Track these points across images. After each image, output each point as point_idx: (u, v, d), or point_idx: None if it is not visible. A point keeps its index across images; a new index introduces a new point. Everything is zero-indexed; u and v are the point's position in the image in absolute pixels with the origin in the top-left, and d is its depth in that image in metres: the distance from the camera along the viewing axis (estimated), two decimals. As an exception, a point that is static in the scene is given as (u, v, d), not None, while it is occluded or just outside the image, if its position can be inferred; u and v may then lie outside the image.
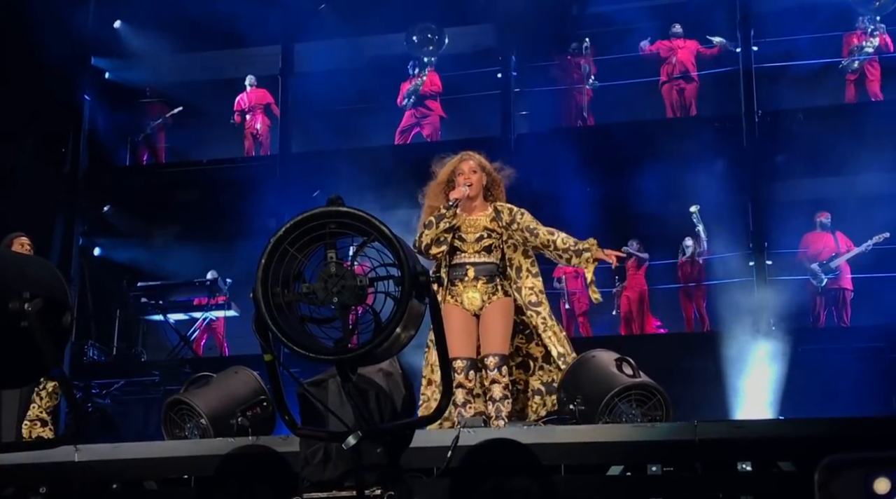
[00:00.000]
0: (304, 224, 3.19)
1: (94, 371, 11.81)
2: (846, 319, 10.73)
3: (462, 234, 5.58)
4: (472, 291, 5.51)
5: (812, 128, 11.18)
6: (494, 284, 5.54)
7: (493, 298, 5.52)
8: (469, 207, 5.63)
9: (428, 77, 12.35)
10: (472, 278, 5.51)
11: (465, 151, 5.80)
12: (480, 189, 5.64)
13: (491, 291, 5.51)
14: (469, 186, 5.57)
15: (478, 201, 5.65)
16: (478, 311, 5.51)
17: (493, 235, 5.61)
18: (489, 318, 5.50)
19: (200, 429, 5.37)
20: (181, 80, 13.42)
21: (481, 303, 5.50)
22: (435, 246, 5.51)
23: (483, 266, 5.53)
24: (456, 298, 5.52)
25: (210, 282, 11.97)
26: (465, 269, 5.53)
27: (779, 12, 11.94)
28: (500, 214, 5.64)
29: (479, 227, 5.60)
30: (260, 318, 3.18)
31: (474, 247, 5.55)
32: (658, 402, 5.06)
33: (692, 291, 11.21)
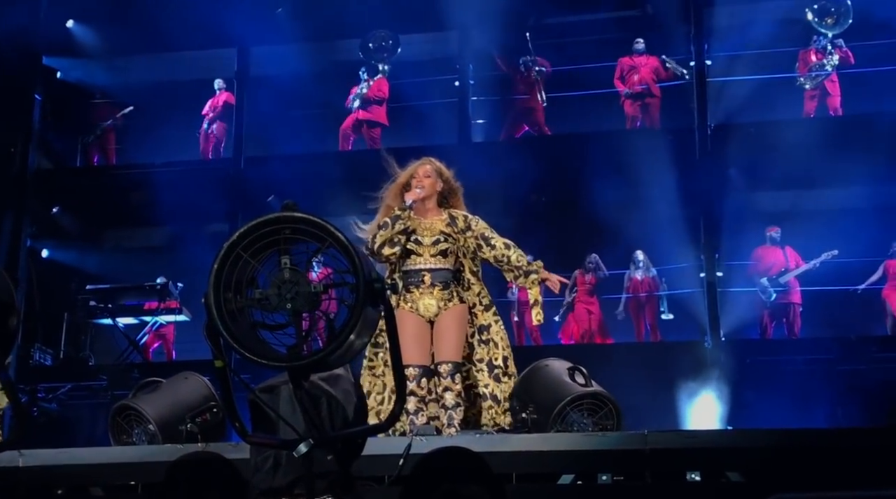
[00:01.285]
0: (259, 229, 3.16)
1: (40, 375, 11.63)
2: (796, 331, 10.86)
3: (418, 236, 5.57)
4: (428, 297, 5.50)
5: (764, 142, 11.33)
6: (450, 290, 5.53)
7: (448, 305, 5.51)
8: (423, 210, 5.63)
9: (376, 83, 12.33)
10: (428, 285, 5.50)
11: (425, 157, 5.80)
12: (434, 193, 5.65)
13: (447, 297, 5.51)
14: (422, 187, 5.58)
15: (431, 205, 5.65)
16: (433, 317, 5.51)
17: (450, 240, 5.60)
18: (443, 325, 5.49)
19: (148, 435, 5.30)
20: (135, 81, 13.26)
21: (437, 310, 5.50)
22: (388, 247, 5.51)
23: (439, 272, 5.52)
24: (411, 305, 5.51)
25: (161, 286, 11.83)
26: (421, 275, 5.52)
27: (733, 26, 12.09)
28: (455, 219, 5.64)
29: (435, 230, 5.59)
30: (211, 323, 3.15)
31: (430, 250, 5.54)
32: (609, 411, 5.09)
33: (643, 303, 11.29)
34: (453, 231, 5.61)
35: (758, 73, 11.70)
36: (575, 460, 4.63)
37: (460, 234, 5.62)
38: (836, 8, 11.27)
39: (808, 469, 4.49)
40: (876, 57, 11.45)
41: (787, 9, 11.79)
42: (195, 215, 12.27)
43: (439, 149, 11.93)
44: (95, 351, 12.33)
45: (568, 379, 5.20)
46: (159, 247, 12.83)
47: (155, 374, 8.78)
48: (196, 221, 12.39)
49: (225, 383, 3.36)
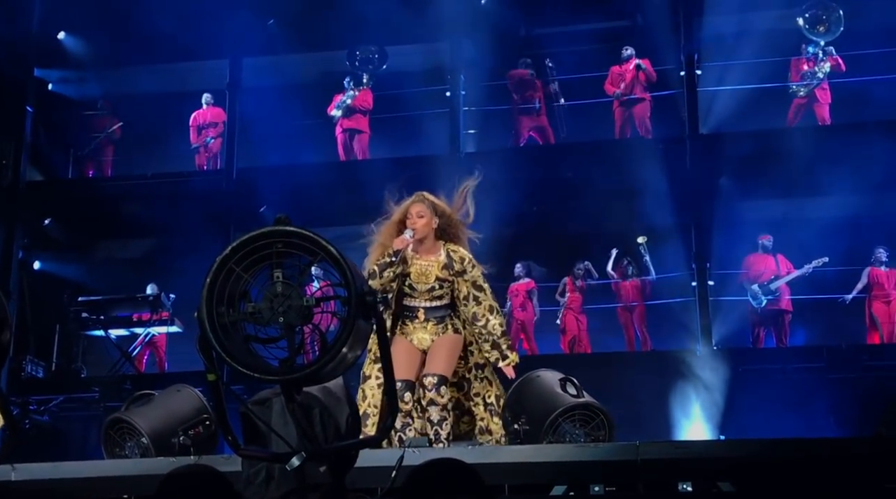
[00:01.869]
0: (251, 243, 3.18)
1: (31, 387, 11.60)
2: (784, 340, 10.90)
3: (413, 283, 5.55)
4: (421, 332, 5.55)
5: (755, 150, 11.38)
6: (444, 324, 5.58)
7: (441, 335, 5.55)
8: (419, 248, 5.57)
9: (361, 94, 12.38)
10: (422, 320, 5.56)
11: (418, 193, 5.67)
12: (429, 232, 5.55)
13: (441, 330, 5.56)
14: (414, 229, 5.50)
15: (428, 243, 5.57)
16: (426, 348, 5.55)
17: (445, 286, 5.59)
18: (434, 347, 5.53)
19: (141, 448, 5.30)
20: (126, 92, 13.29)
21: (430, 343, 5.54)
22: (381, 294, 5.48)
23: (434, 310, 5.57)
24: (407, 336, 5.57)
25: (153, 297, 11.82)
26: (416, 311, 5.56)
27: (723, 36, 12.15)
28: (452, 262, 5.56)
29: (430, 277, 5.56)
30: (204, 337, 3.16)
31: (425, 296, 5.57)
32: (601, 422, 5.10)
33: (633, 311, 11.31)
34: (448, 274, 5.57)
35: (748, 82, 11.75)
36: (567, 471, 4.63)
37: (456, 276, 5.59)
38: (828, 16, 11.32)
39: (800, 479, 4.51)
40: (866, 66, 11.51)
41: (777, 18, 11.85)
42: (187, 227, 12.26)
43: (431, 159, 12.06)
44: (87, 363, 12.31)
45: (560, 390, 5.21)
46: (151, 258, 12.81)
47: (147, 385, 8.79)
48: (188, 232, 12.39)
49: (217, 396, 3.37)
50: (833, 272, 10.88)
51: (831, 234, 10.78)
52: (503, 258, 10.82)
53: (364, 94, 12.41)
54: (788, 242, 11.16)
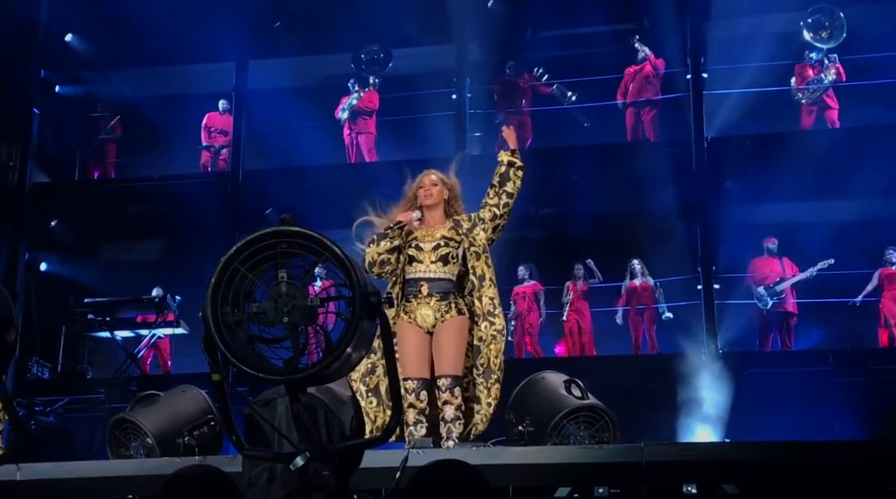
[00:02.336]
0: (256, 243, 3.18)
1: (37, 388, 11.62)
2: (790, 343, 10.89)
3: (419, 242, 5.56)
4: (425, 307, 5.46)
5: (760, 154, 11.37)
6: (448, 301, 5.49)
7: (446, 317, 5.47)
8: (430, 219, 5.62)
9: (367, 95, 12.39)
10: (425, 295, 5.47)
11: (426, 169, 5.78)
12: (441, 202, 5.63)
13: (444, 308, 5.47)
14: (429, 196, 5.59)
15: (438, 214, 5.63)
16: (431, 328, 5.47)
17: (451, 244, 5.56)
18: (442, 338, 5.45)
19: (146, 448, 5.31)
20: (133, 94, 13.31)
21: (434, 320, 5.46)
22: (378, 267, 5.49)
23: (438, 282, 5.48)
24: (410, 315, 5.48)
25: (158, 299, 11.83)
26: (419, 285, 5.49)
27: (728, 39, 12.15)
28: (460, 223, 5.61)
29: (435, 236, 5.57)
30: (209, 337, 3.16)
31: (431, 256, 5.51)
32: (606, 424, 5.10)
33: (641, 314, 11.30)
34: (457, 234, 5.58)
35: (754, 86, 11.75)
36: (571, 472, 4.63)
37: (466, 235, 5.58)
38: (831, 22, 11.31)
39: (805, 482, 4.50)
40: (871, 70, 11.50)
41: (783, 22, 11.84)
42: (193, 228, 12.28)
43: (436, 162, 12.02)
44: (93, 364, 12.34)
45: (564, 392, 5.21)
46: (157, 260, 12.86)
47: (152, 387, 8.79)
48: (194, 233, 12.40)
49: (222, 397, 3.37)
50: (840, 275, 10.86)
51: (838, 237, 10.77)
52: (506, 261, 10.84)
53: (370, 96, 12.44)
54: (794, 245, 11.15)
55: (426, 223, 5.61)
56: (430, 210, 5.62)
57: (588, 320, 11.34)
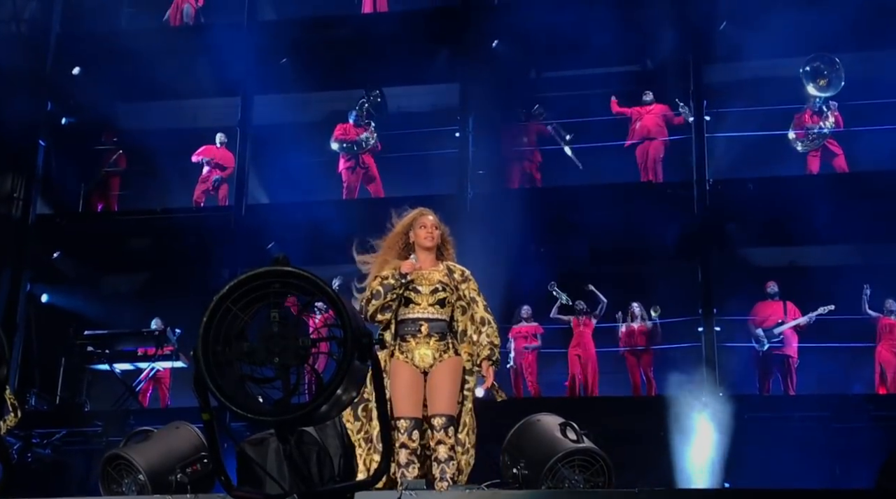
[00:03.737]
0: (248, 283, 3.19)
1: (35, 420, 11.56)
2: (792, 387, 10.83)
3: (416, 285, 5.52)
4: (424, 347, 5.41)
5: (762, 198, 11.38)
6: (446, 342, 5.46)
7: (444, 357, 5.44)
8: (423, 261, 5.60)
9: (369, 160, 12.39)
10: (425, 335, 5.43)
11: (421, 207, 5.74)
12: (435, 244, 5.63)
13: (443, 349, 5.43)
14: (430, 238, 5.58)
15: (432, 256, 5.61)
16: (427, 368, 5.42)
17: (447, 289, 5.56)
18: (438, 378, 5.41)
19: (138, 485, 5.27)
20: (139, 128, 13.38)
21: (432, 360, 5.40)
22: (380, 314, 5.46)
23: (436, 322, 5.45)
24: (406, 355, 5.42)
25: (158, 332, 11.82)
26: (418, 324, 5.44)
27: (731, 83, 12.21)
28: (453, 272, 5.61)
29: (433, 280, 5.54)
30: (199, 376, 3.16)
31: (429, 300, 5.47)
32: (601, 468, 5.06)
33: (640, 355, 11.26)
34: (450, 281, 5.58)
35: (756, 129, 11.78)
36: (565, 516, 4.60)
37: (458, 286, 5.59)
38: (829, 70, 11.36)
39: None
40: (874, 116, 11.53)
41: (786, 67, 11.89)
42: (195, 262, 12.29)
43: (439, 199, 12.07)
44: (92, 397, 12.30)
45: (559, 435, 5.18)
46: (158, 293, 12.83)
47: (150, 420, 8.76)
48: (196, 267, 12.41)
49: (212, 436, 3.37)
50: (841, 321, 10.83)
51: (840, 281, 10.75)
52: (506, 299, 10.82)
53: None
54: (796, 288, 11.12)
55: (420, 265, 5.58)
56: (426, 252, 5.61)
57: (593, 356, 11.29)
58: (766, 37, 11.38)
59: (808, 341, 10.95)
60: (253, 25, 12.96)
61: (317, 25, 12.93)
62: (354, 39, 12.56)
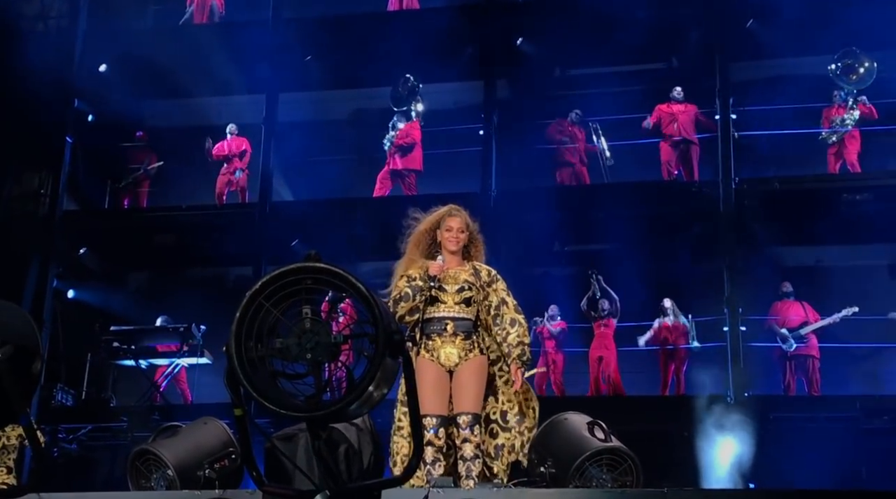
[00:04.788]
0: (281, 279, 3.18)
1: (61, 415, 11.66)
2: (816, 387, 10.76)
3: (443, 284, 5.53)
4: (449, 346, 5.44)
5: (788, 196, 11.32)
6: (472, 340, 5.49)
7: (469, 356, 5.46)
8: (450, 261, 5.61)
9: (406, 127, 12.36)
10: (450, 334, 5.45)
11: (451, 205, 5.74)
12: (461, 246, 5.64)
13: (468, 347, 5.46)
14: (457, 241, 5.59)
15: (458, 256, 5.63)
16: (453, 367, 5.45)
17: (473, 289, 5.57)
18: (464, 376, 5.44)
19: (167, 480, 5.28)
20: (165, 125, 13.45)
21: (458, 359, 5.44)
22: (409, 315, 5.49)
23: (462, 321, 5.48)
24: (431, 353, 5.45)
25: (184, 328, 11.87)
26: (444, 323, 5.46)
27: (758, 81, 12.13)
28: (479, 272, 5.62)
29: (459, 278, 5.56)
30: (232, 372, 3.16)
31: (455, 298, 5.49)
32: (629, 467, 5.03)
33: (672, 354, 11.20)
34: (477, 281, 5.59)
35: (783, 127, 11.71)
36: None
37: (484, 286, 5.61)
38: (860, 65, 11.27)
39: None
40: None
41: (814, 65, 11.82)
42: (220, 259, 12.34)
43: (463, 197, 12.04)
44: (117, 392, 12.39)
45: (587, 433, 5.15)
46: (184, 289, 12.89)
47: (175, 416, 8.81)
48: (221, 264, 12.47)
49: (244, 432, 3.37)
50: (865, 321, 10.75)
51: (865, 281, 10.68)
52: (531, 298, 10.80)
53: (409, 128, 12.36)
54: (821, 289, 11.05)
55: (447, 265, 5.60)
56: (452, 253, 5.62)
57: (615, 357, 11.24)
58: (794, 34, 11.31)
59: (833, 342, 10.87)
60: (278, 23, 13.00)
61: (341, 23, 12.94)
62: (379, 37, 12.57)
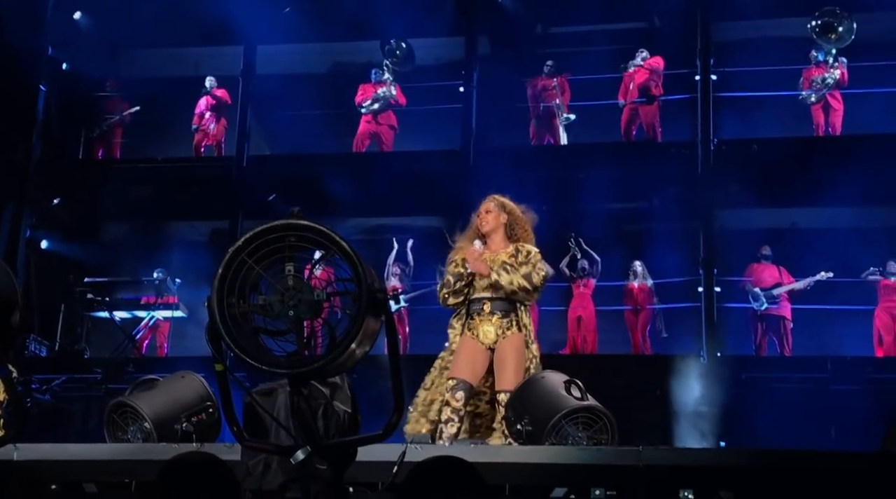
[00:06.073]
0: (264, 235, 3.17)
1: (34, 366, 11.62)
2: (787, 348, 10.87)
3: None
4: (487, 324, 5.72)
5: (765, 158, 11.35)
6: (510, 318, 5.74)
7: (507, 333, 5.71)
8: (491, 243, 5.87)
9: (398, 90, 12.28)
10: (487, 313, 5.73)
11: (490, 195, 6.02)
12: (499, 226, 5.89)
13: (506, 325, 5.72)
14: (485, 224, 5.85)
15: (498, 239, 5.87)
16: (492, 344, 5.70)
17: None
18: (502, 354, 5.67)
19: (144, 433, 5.28)
20: (140, 75, 13.28)
21: (495, 336, 5.70)
22: (452, 298, 5.81)
23: (499, 301, 5.74)
24: (473, 332, 5.74)
25: (158, 281, 11.83)
26: (482, 303, 5.75)
27: (738, 42, 12.11)
28: (519, 252, 5.85)
29: (497, 261, 5.79)
30: (213, 327, 3.15)
31: (489, 280, 5.73)
32: (604, 426, 5.08)
33: (640, 314, 11.28)
34: (515, 263, 5.78)
35: (764, 89, 11.71)
36: (568, 473, 4.63)
37: (521, 264, 5.80)
38: (840, 24, 11.26)
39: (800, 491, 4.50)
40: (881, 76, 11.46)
41: (795, 26, 11.81)
42: (195, 212, 12.26)
43: (443, 154, 12.04)
44: (91, 344, 12.34)
45: (564, 392, 5.19)
46: (158, 242, 12.81)
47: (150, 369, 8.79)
48: (196, 217, 12.39)
49: (224, 387, 3.37)
50: (839, 283, 10.85)
51: (840, 244, 10.75)
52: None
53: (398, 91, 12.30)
54: (796, 251, 11.12)
55: (489, 248, 5.86)
56: (489, 235, 5.89)
57: (593, 317, 11.30)
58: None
59: (806, 303, 10.98)
60: (257, -27, 12.81)
61: (321, -25, 12.79)
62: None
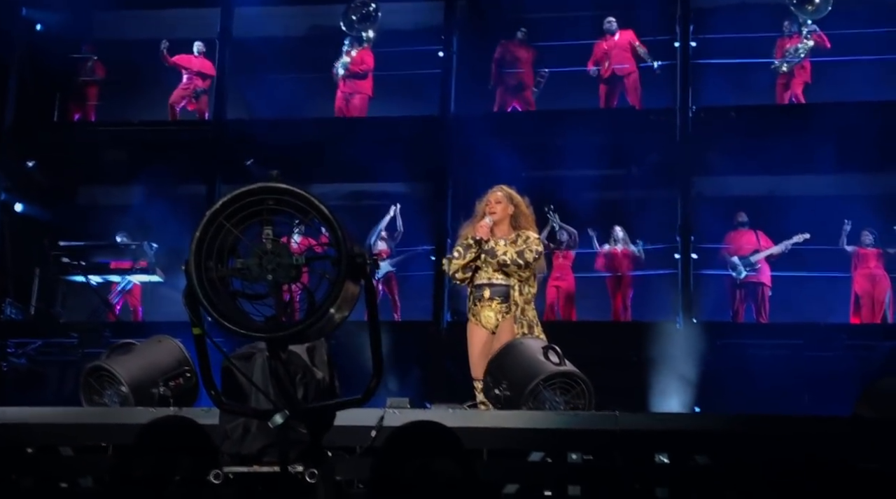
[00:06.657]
0: (242, 199, 3.15)
1: (10, 329, 11.55)
2: (764, 315, 10.95)
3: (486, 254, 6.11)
4: (487, 309, 6.08)
5: (743, 126, 11.36)
6: (508, 304, 6.06)
7: (506, 317, 6.03)
8: (496, 231, 6.18)
9: (359, 55, 12.18)
10: (488, 298, 6.08)
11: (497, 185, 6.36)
12: (506, 217, 6.23)
13: (504, 310, 6.07)
14: (493, 214, 6.17)
15: (504, 227, 6.21)
16: (494, 329, 6.07)
17: None
18: (502, 337, 5.92)
19: (120, 397, 5.28)
20: (116, 37, 13.11)
21: (496, 321, 6.07)
22: (461, 272, 6.14)
23: (498, 287, 6.09)
24: (476, 318, 6.13)
25: (135, 245, 11.75)
26: (482, 290, 6.11)
27: (718, 9, 12.07)
28: (518, 239, 6.15)
29: (499, 243, 6.12)
30: (191, 291, 3.14)
31: (493, 266, 6.09)
32: (581, 391, 5.11)
33: (619, 281, 11.31)
34: (513, 244, 6.12)
35: (743, 56, 11.70)
36: (545, 437, 4.67)
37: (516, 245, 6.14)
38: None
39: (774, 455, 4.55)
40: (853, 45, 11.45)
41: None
42: (172, 176, 12.15)
43: (421, 120, 11.97)
44: (67, 308, 12.27)
45: (542, 357, 5.22)
46: (134, 206, 12.72)
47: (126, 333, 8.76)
48: (173, 181, 12.29)
49: (202, 351, 3.36)
50: (817, 250, 10.92)
51: (818, 211, 10.81)
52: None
53: (362, 55, 12.16)
54: (774, 218, 11.17)
55: (493, 235, 6.19)
56: (496, 224, 6.21)
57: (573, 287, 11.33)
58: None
59: (784, 270, 11.05)
60: (233, -68, 12.65)
61: (299, -65, 12.65)
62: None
